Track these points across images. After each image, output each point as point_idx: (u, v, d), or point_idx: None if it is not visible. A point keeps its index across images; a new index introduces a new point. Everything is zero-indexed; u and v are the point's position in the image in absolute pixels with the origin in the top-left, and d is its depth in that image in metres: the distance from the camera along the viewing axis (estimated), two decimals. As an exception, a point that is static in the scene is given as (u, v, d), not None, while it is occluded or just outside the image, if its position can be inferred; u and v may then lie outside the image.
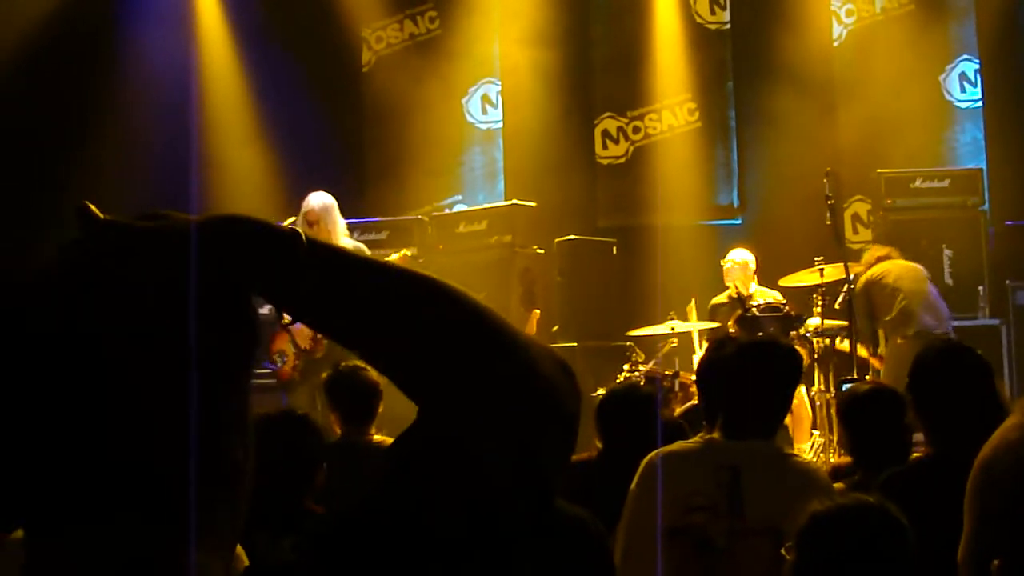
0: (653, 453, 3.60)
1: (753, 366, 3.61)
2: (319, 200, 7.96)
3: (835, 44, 11.17)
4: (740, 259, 9.29)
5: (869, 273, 8.78)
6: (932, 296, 8.62)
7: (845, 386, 7.70)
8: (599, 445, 4.74)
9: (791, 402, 3.78)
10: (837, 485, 3.89)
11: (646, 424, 4.52)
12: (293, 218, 8.19)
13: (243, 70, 10.77)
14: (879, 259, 8.86)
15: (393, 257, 8.03)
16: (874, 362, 8.78)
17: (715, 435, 3.61)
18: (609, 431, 4.68)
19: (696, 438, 3.71)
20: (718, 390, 3.76)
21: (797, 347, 8.24)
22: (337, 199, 8.08)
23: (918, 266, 8.79)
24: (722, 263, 9.38)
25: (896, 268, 8.72)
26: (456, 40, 11.17)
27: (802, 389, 8.57)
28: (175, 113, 9.86)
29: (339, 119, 11.19)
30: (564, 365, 1.15)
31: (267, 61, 10.72)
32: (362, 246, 8.03)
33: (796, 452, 4.91)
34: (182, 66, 10.18)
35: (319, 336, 7.74)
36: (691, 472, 3.50)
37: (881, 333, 8.87)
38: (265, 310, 6.38)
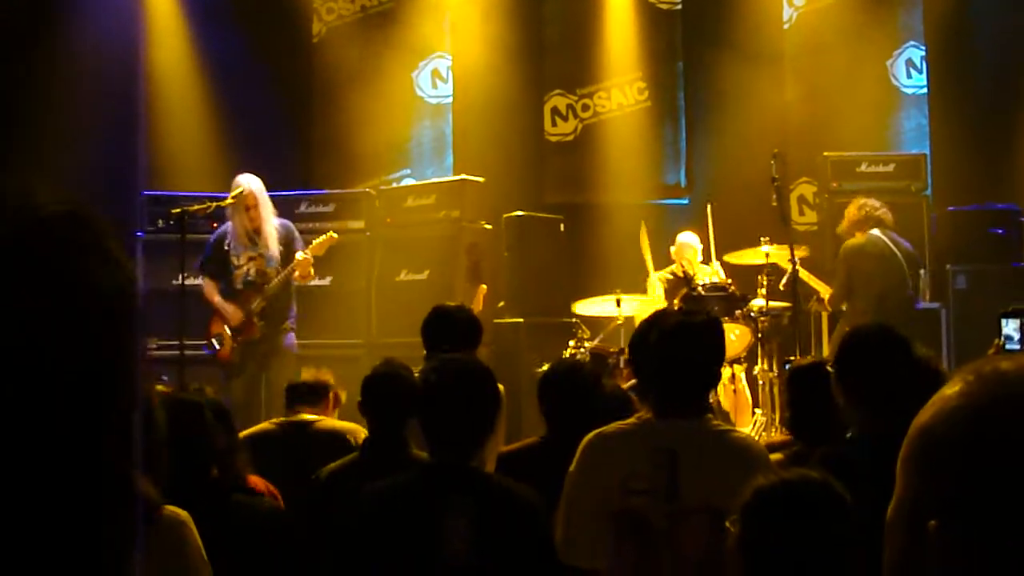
0: (592, 434, 3.62)
1: (675, 345, 3.62)
2: (254, 183, 7.86)
3: (785, 27, 11.22)
4: (688, 241, 9.38)
5: (860, 242, 8.80)
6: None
7: (788, 365, 7.79)
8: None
9: (719, 376, 3.80)
10: (775, 456, 3.94)
11: (587, 401, 4.54)
12: (232, 197, 7.93)
13: (191, 38, 10.64)
14: (871, 223, 8.83)
15: (321, 239, 7.96)
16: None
17: (649, 415, 3.62)
18: (550, 407, 4.69)
19: (632, 418, 3.71)
20: (648, 370, 3.78)
21: (742, 326, 8.39)
22: (284, 170, 8.05)
23: (898, 260, 8.80)
24: (672, 247, 9.44)
25: (885, 259, 8.72)
26: (407, 13, 11.11)
27: (742, 374, 8.65)
28: (122, 81, 9.72)
29: (288, 90, 11.10)
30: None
31: (216, 30, 10.60)
32: (289, 224, 7.98)
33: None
34: (129, 33, 10.03)
35: (254, 318, 7.72)
36: (629, 454, 3.51)
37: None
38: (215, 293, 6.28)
